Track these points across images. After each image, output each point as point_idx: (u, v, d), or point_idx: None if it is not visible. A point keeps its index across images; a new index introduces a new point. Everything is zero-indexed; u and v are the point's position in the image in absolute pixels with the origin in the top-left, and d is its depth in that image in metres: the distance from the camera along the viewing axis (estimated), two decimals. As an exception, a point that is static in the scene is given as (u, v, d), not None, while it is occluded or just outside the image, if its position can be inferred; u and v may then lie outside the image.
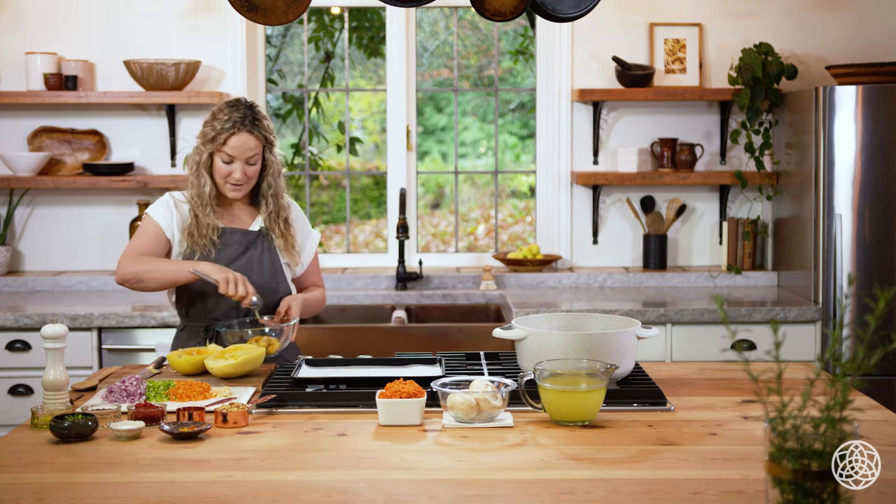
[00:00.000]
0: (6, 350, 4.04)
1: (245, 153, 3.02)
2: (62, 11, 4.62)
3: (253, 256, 3.09)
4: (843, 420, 1.48)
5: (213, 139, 3.02)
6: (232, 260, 3.08)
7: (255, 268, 3.08)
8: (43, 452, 2.13)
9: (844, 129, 4.14)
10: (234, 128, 3.00)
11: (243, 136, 3.01)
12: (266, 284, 3.09)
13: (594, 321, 2.73)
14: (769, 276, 4.70)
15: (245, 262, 3.08)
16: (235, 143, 3.01)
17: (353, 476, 1.97)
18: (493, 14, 2.94)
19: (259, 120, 3.04)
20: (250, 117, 3.02)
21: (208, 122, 3.05)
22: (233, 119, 3.01)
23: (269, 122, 3.11)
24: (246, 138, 3.01)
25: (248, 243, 3.11)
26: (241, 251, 3.09)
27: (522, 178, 5.88)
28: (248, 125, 3.01)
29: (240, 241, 3.10)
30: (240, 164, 3.02)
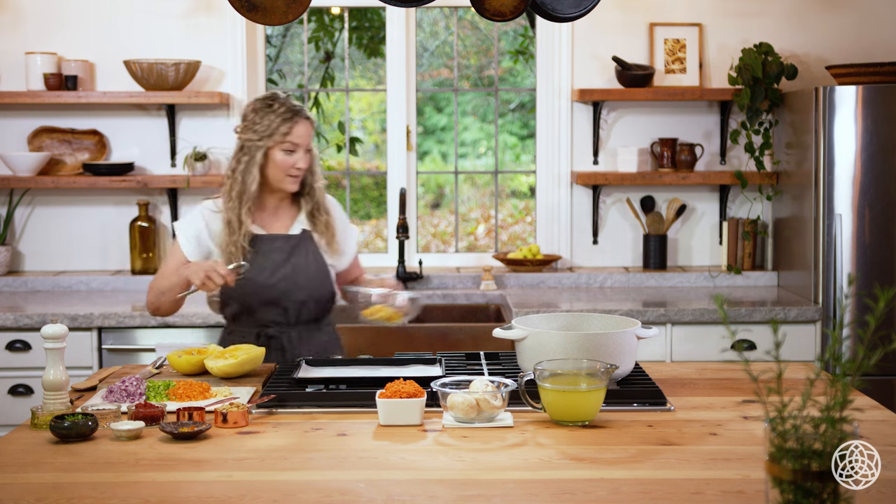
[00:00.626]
0: (6, 350, 4.04)
1: (307, 140, 3.02)
2: (62, 11, 4.62)
3: (299, 262, 3.04)
4: (843, 420, 1.48)
5: (274, 132, 2.97)
6: (278, 267, 3.02)
7: (302, 273, 3.03)
8: (43, 452, 2.13)
9: (844, 129, 4.14)
10: (295, 116, 2.99)
11: (305, 125, 3.01)
12: (314, 288, 3.05)
13: (594, 321, 2.73)
14: (769, 276, 4.70)
15: (291, 269, 3.02)
16: (300, 131, 2.99)
17: (353, 476, 1.97)
18: (493, 14, 2.94)
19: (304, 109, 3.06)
20: (299, 106, 3.04)
21: (257, 120, 2.99)
22: (290, 109, 2.99)
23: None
24: (307, 126, 3.02)
25: (291, 248, 3.06)
26: (286, 257, 3.04)
27: (522, 178, 5.88)
28: (304, 113, 3.02)
29: (282, 248, 3.05)
30: (303, 152, 3.01)
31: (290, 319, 3.04)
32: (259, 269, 3.02)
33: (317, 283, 3.06)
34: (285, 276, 3.01)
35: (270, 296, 3.02)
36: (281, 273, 3.02)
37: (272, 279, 3.02)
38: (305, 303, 3.05)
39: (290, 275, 3.02)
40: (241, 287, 2.99)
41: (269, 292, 3.02)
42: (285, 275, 3.02)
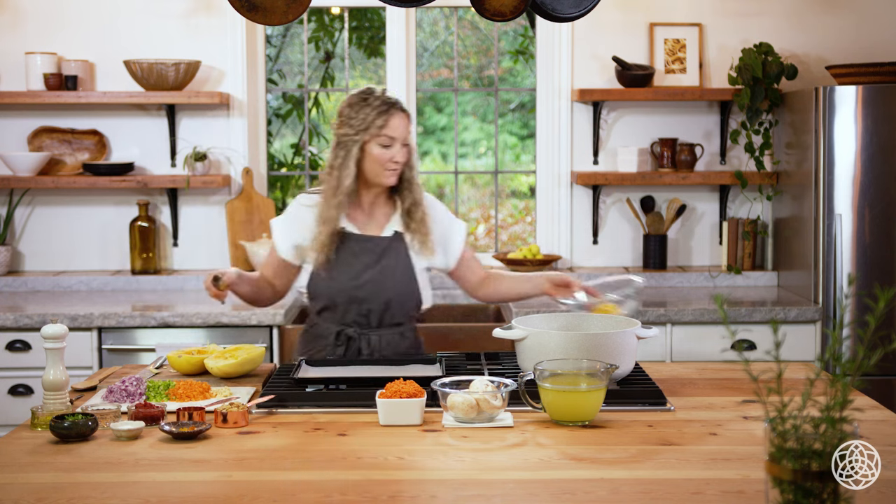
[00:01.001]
0: (6, 350, 4.04)
1: (404, 133, 2.96)
2: (62, 11, 4.62)
3: (387, 265, 2.98)
4: (843, 420, 1.48)
5: (369, 126, 2.92)
6: (365, 269, 2.96)
7: (389, 277, 2.96)
8: (43, 452, 2.13)
9: (844, 129, 4.14)
10: (391, 109, 2.94)
11: (401, 118, 2.95)
12: (399, 293, 2.98)
13: (594, 321, 2.73)
14: (769, 276, 4.70)
15: (379, 272, 2.96)
16: (396, 124, 2.93)
17: (353, 476, 1.97)
18: (493, 14, 2.94)
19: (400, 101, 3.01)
20: (394, 98, 2.98)
21: (352, 114, 2.94)
22: (385, 102, 2.95)
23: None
24: (403, 120, 2.96)
25: (382, 251, 2.99)
26: (376, 259, 2.98)
27: (522, 178, 5.88)
28: (400, 106, 2.97)
29: (372, 250, 2.99)
30: (399, 147, 2.95)
31: (371, 322, 2.99)
32: (347, 269, 2.97)
33: (402, 287, 2.98)
34: (371, 279, 2.95)
35: (354, 297, 2.96)
36: (367, 275, 2.96)
37: (358, 281, 2.96)
38: (389, 307, 2.97)
39: (376, 278, 2.96)
40: (327, 285, 2.97)
41: (353, 293, 2.96)
42: (371, 277, 2.96)
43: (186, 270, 4.72)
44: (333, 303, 2.99)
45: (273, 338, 4.07)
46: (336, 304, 2.98)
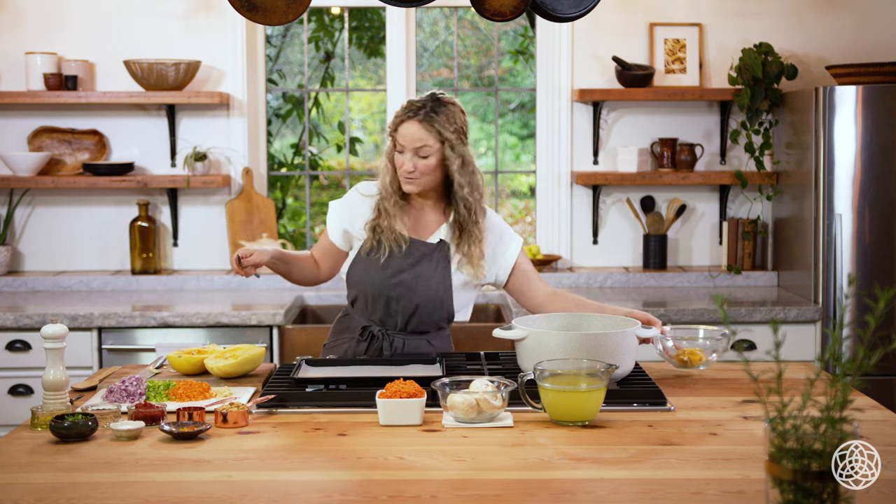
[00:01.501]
0: (6, 350, 4.04)
1: (412, 143, 2.85)
2: (62, 11, 4.62)
3: (423, 270, 2.93)
4: (843, 420, 1.48)
5: (391, 125, 2.91)
6: (401, 270, 2.93)
7: (422, 282, 2.92)
8: (43, 452, 2.13)
9: (844, 129, 4.14)
10: (404, 116, 2.87)
11: (412, 125, 2.84)
12: (432, 300, 2.93)
13: (594, 321, 2.73)
14: (769, 276, 4.70)
15: (414, 276, 2.92)
16: (403, 131, 2.86)
17: (353, 476, 1.97)
18: (493, 14, 2.94)
19: (436, 113, 2.86)
20: (427, 108, 2.86)
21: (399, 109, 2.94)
22: (410, 108, 2.88)
23: (455, 118, 2.89)
24: (415, 128, 2.84)
25: (423, 255, 2.95)
26: (414, 263, 2.93)
27: (522, 178, 5.88)
28: (420, 115, 2.84)
29: (413, 253, 2.94)
30: (410, 155, 2.86)
31: (398, 324, 2.96)
32: (384, 265, 2.94)
33: (433, 296, 2.93)
34: (403, 281, 2.92)
35: (384, 295, 2.93)
36: (401, 277, 2.92)
37: (391, 280, 2.93)
38: (416, 313, 2.94)
39: (408, 281, 2.92)
40: (360, 277, 2.95)
41: (383, 291, 2.93)
42: (404, 280, 2.92)
43: (186, 270, 4.72)
44: (364, 295, 2.97)
45: (273, 338, 4.07)
46: (366, 297, 2.96)
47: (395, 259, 2.93)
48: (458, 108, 2.91)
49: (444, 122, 2.85)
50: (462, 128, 2.90)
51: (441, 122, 2.85)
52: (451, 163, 2.88)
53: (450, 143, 2.86)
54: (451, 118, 2.87)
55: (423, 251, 2.94)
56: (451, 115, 2.87)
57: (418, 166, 2.86)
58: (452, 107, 2.89)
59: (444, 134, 2.85)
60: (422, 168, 2.86)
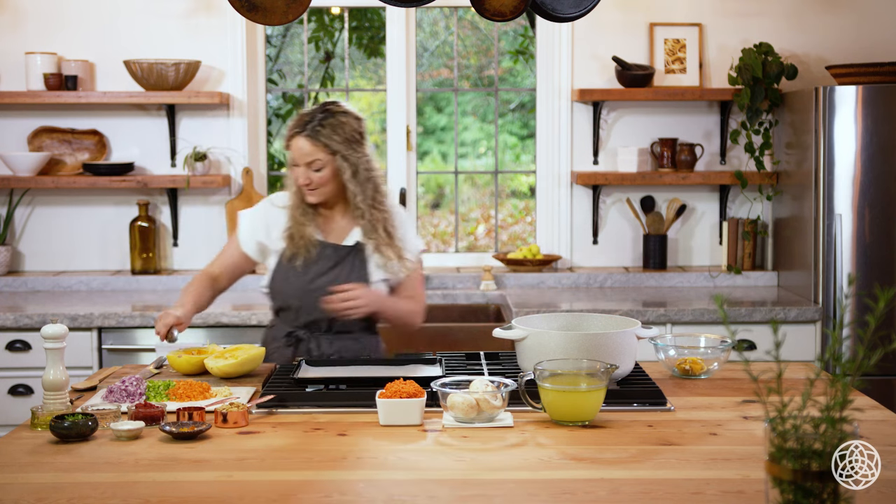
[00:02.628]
0: (6, 350, 4.04)
1: (303, 158, 2.92)
2: (62, 11, 4.62)
3: (341, 273, 3.00)
4: (843, 420, 1.48)
5: (285, 140, 2.97)
6: (319, 275, 3.00)
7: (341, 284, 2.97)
8: (43, 452, 2.13)
9: (844, 129, 4.14)
10: (293, 131, 2.93)
11: (300, 141, 2.92)
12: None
13: (594, 321, 2.73)
14: (769, 276, 4.70)
15: (333, 279, 2.99)
16: (294, 147, 2.93)
17: (353, 476, 1.97)
18: (493, 14, 2.94)
19: (322, 126, 2.92)
20: (315, 122, 2.92)
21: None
22: (299, 122, 2.94)
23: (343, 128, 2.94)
24: (302, 143, 2.92)
25: (339, 259, 3.02)
26: (331, 266, 3.01)
27: (522, 178, 5.87)
28: (307, 130, 2.91)
29: (331, 257, 3.01)
30: (303, 169, 2.94)
31: (321, 327, 3.02)
32: (302, 273, 3.00)
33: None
34: (322, 286, 2.97)
35: (307, 301, 3.00)
36: (320, 281, 2.99)
37: (311, 285, 2.99)
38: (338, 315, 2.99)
39: (328, 284, 2.97)
40: (282, 287, 3.02)
41: (304, 298, 3.00)
42: (323, 284, 2.98)
43: (186, 270, 4.72)
44: (287, 304, 3.05)
45: (273, 338, 4.07)
46: (289, 307, 3.04)
47: (313, 265, 3.00)
48: (349, 117, 2.97)
49: (330, 135, 2.92)
50: (354, 136, 2.96)
51: (327, 134, 2.92)
52: (342, 172, 2.95)
53: (341, 154, 2.94)
54: (338, 129, 2.93)
55: (339, 254, 3.02)
56: (338, 126, 2.93)
57: (313, 179, 2.95)
58: (343, 116, 2.95)
59: (333, 146, 2.93)
60: (317, 180, 2.95)
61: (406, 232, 3.09)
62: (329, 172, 2.95)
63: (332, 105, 2.97)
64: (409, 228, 3.12)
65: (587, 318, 2.74)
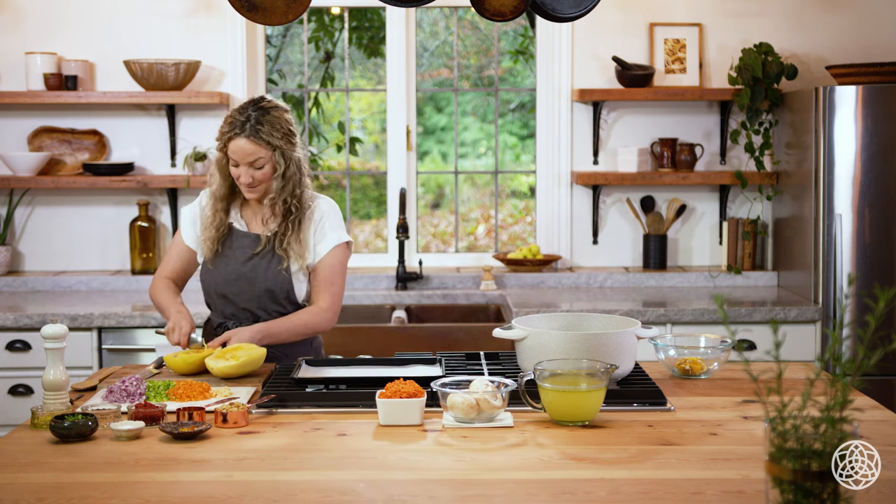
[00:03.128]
0: (6, 350, 4.04)
1: (245, 158, 2.94)
2: (62, 11, 4.62)
3: (260, 263, 3.04)
4: (843, 420, 1.48)
5: (219, 141, 2.98)
6: (240, 264, 3.05)
7: (260, 274, 3.03)
8: (43, 452, 2.12)
9: (844, 129, 4.14)
10: (231, 132, 2.94)
11: (240, 142, 2.92)
12: (269, 289, 3.03)
13: (594, 321, 2.73)
14: (769, 276, 4.70)
15: (251, 269, 3.04)
16: (234, 149, 2.94)
17: (353, 476, 1.97)
18: (493, 14, 2.94)
19: (261, 125, 2.93)
20: (252, 121, 2.93)
21: (222, 124, 3.00)
22: (234, 123, 2.94)
23: (280, 123, 2.97)
24: (243, 144, 2.92)
25: (256, 248, 3.06)
26: (248, 257, 3.05)
27: (522, 178, 5.87)
28: (246, 130, 2.92)
29: (249, 246, 3.06)
30: (245, 168, 2.96)
31: (248, 317, 3.07)
32: (224, 264, 3.06)
33: (272, 284, 3.03)
34: (243, 274, 3.04)
35: (228, 291, 3.06)
36: (240, 270, 3.05)
37: (231, 275, 3.05)
38: (260, 303, 3.04)
39: (247, 274, 3.03)
40: (206, 279, 3.09)
41: (227, 287, 3.06)
42: (243, 272, 3.04)
43: (186, 270, 4.72)
44: (212, 295, 3.11)
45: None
46: (214, 297, 3.11)
47: (233, 256, 3.05)
48: (282, 111, 3.01)
49: (270, 132, 2.95)
50: (289, 129, 3.00)
51: (267, 132, 2.95)
52: (279, 167, 2.98)
53: (280, 149, 2.97)
54: (276, 125, 2.96)
55: (258, 243, 3.06)
56: (275, 122, 2.96)
57: (255, 176, 2.98)
58: (276, 111, 2.98)
59: (273, 143, 2.96)
60: (259, 177, 2.98)
61: (326, 224, 3.08)
62: (270, 168, 2.99)
63: (263, 101, 2.99)
64: (331, 221, 3.09)
65: (587, 318, 2.74)
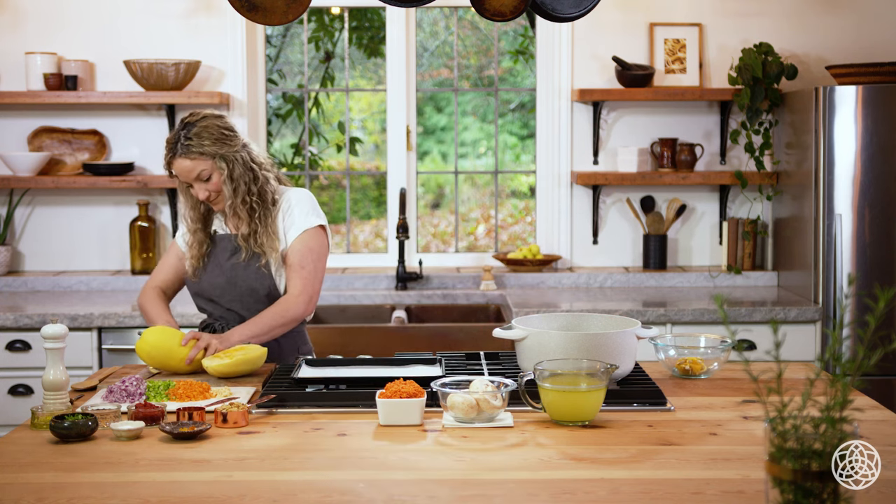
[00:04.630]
0: (6, 350, 4.04)
1: (189, 176, 2.99)
2: (62, 11, 4.62)
3: (239, 263, 3.06)
4: (843, 420, 1.48)
5: (166, 167, 3.03)
6: (220, 264, 3.08)
7: (240, 273, 3.05)
8: (43, 452, 2.13)
9: (844, 129, 4.14)
10: (168, 155, 2.99)
11: (178, 162, 2.98)
12: (252, 286, 3.04)
13: (594, 321, 2.73)
14: (769, 276, 4.70)
15: (231, 268, 3.07)
16: (177, 170, 2.99)
17: (353, 476, 1.97)
18: (493, 14, 2.94)
19: (190, 139, 2.96)
20: (182, 139, 2.96)
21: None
22: (169, 147, 3.00)
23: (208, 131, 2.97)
24: (181, 163, 2.97)
25: (235, 248, 3.09)
26: (229, 256, 3.09)
27: (522, 178, 5.87)
28: (178, 150, 2.96)
29: (227, 247, 3.10)
30: (197, 185, 3.00)
31: (231, 317, 3.09)
32: (207, 267, 3.10)
33: (253, 282, 3.04)
34: (223, 273, 3.07)
35: (213, 294, 3.09)
36: (219, 270, 3.08)
37: (214, 279, 3.08)
38: (243, 303, 3.06)
39: (228, 274, 3.06)
40: (192, 284, 3.13)
41: (212, 290, 3.09)
42: (223, 272, 3.07)
43: (186, 270, 4.72)
44: (198, 298, 3.15)
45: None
46: (202, 301, 3.14)
47: (215, 260, 3.08)
48: (210, 118, 3.01)
49: (199, 143, 2.97)
50: (223, 133, 3.00)
51: (197, 144, 2.97)
52: (222, 171, 2.99)
53: (219, 155, 2.98)
54: (204, 134, 2.98)
55: (235, 244, 3.08)
56: (203, 132, 2.98)
57: (209, 189, 3.01)
58: (203, 121, 3.00)
59: (208, 151, 2.97)
60: (213, 188, 3.01)
61: (295, 212, 3.08)
62: (218, 177, 3.00)
63: (189, 117, 3.02)
64: (300, 207, 3.09)
65: (587, 318, 2.74)
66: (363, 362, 2.81)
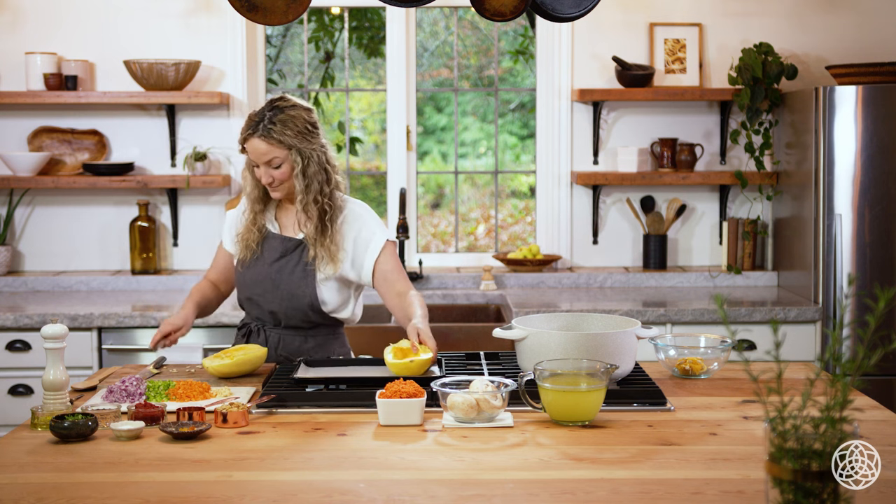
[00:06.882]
0: (6, 350, 4.04)
1: (260, 158, 2.92)
2: (62, 11, 4.62)
3: (286, 265, 3.00)
4: (843, 420, 1.48)
5: (240, 143, 2.97)
6: (266, 266, 3.02)
7: (285, 277, 2.99)
8: (43, 452, 2.13)
9: (844, 129, 4.14)
10: (246, 132, 2.92)
11: (254, 142, 2.91)
12: (294, 294, 2.99)
13: (594, 321, 2.73)
14: (769, 276, 4.70)
15: (277, 270, 3.00)
16: (250, 149, 2.93)
17: (353, 476, 1.97)
18: (493, 14, 2.94)
19: (273, 124, 2.90)
20: (265, 121, 2.90)
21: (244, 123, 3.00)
22: (250, 123, 2.93)
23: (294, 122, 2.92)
24: (257, 144, 2.90)
25: (286, 250, 3.02)
26: (276, 258, 3.02)
27: (522, 178, 5.88)
28: (259, 130, 2.89)
29: (277, 248, 3.03)
30: (264, 168, 2.94)
31: (270, 319, 3.06)
32: (253, 266, 3.04)
33: (295, 290, 2.99)
34: (268, 276, 3.02)
35: (253, 292, 3.05)
36: (265, 272, 3.02)
37: (258, 277, 3.03)
38: (282, 307, 3.01)
39: (273, 276, 3.01)
40: (238, 280, 3.09)
41: (253, 289, 3.04)
42: (268, 275, 3.02)
43: (186, 270, 4.72)
44: (241, 298, 3.11)
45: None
46: (243, 300, 3.11)
47: (262, 259, 3.04)
48: (299, 110, 2.96)
49: (282, 131, 2.91)
50: (306, 128, 2.96)
51: (279, 131, 2.91)
52: (296, 165, 2.95)
53: (296, 148, 2.93)
54: (289, 124, 2.93)
55: (286, 246, 3.04)
56: (289, 121, 2.93)
57: (275, 176, 2.96)
58: (292, 110, 2.95)
59: (287, 142, 2.92)
60: (278, 176, 2.96)
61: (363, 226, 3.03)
62: (288, 168, 2.95)
63: (279, 101, 2.97)
64: (367, 222, 3.05)
65: (587, 318, 2.74)
66: (363, 362, 2.81)
